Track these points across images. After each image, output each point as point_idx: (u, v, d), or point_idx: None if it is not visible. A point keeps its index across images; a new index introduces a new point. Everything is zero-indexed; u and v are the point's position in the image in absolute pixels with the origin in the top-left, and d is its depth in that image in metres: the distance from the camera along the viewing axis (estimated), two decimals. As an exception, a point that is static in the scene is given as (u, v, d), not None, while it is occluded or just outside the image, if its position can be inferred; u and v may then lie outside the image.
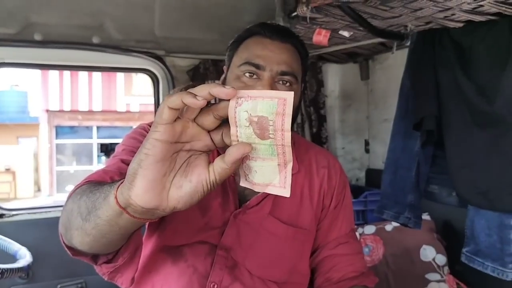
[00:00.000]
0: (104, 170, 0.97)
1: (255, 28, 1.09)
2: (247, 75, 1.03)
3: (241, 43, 1.10)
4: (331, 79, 2.95)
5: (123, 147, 1.08)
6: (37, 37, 2.04)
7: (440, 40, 1.62)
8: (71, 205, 0.80)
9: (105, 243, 0.77)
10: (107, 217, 0.67)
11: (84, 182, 0.89)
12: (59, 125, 12.33)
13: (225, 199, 1.10)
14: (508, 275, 1.41)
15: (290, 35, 1.09)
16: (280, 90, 1.02)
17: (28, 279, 2.14)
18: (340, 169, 1.25)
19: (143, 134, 1.10)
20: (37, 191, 12.94)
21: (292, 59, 1.06)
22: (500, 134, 1.40)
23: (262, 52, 1.04)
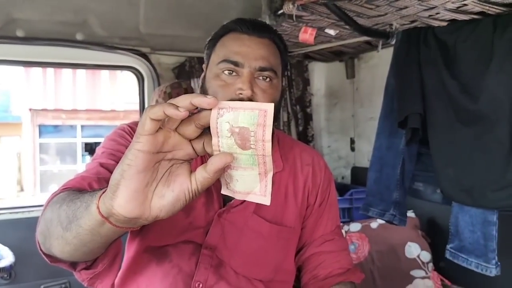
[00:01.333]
0: (82, 177, 0.95)
1: (232, 25, 1.07)
2: (226, 73, 1.02)
3: (218, 40, 1.09)
4: (317, 77, 2.96)
5: (102, 150, 1.07)
6: (20, 33, 2.00)
7: (425, 38, 1.64)
8: (50, 214, 0.79)
9: (85, 252, 0.77)
10: (89, 226, 0.67)
11: (62, 189, 0.88)
12: (43, 124, 12.15)
13: (209, 199, 1.09)
14: (491, 271, 1.43)
15: (267, 29, 1.08)
16: (260, 86, 1.02)
17: (11, 279, 2.11)
18: (325, 166, 1.24)
19: (123, 135, 1.09)
20: (20, 190, 12.74)
21: (271, 54, 1.05)
22: (484, 131, 1.42)
23: (240, 48, 1.03)
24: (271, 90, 1.05)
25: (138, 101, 2.49)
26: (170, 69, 2.46)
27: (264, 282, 1.12)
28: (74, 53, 2.23)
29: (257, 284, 1.11)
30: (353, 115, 2.92)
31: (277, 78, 1.06)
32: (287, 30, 1.93)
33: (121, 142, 1.07)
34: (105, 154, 1.04)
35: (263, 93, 1.03)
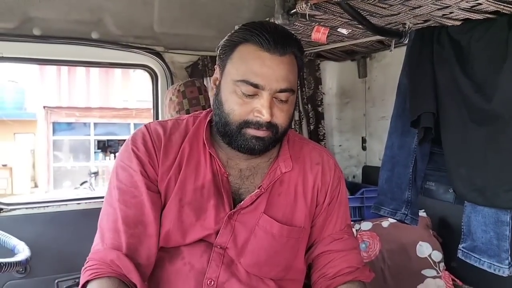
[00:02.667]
0: (116, 256, 1.02)
1: (251, 36, 1.02)
2: (244, 94, 1.01)
3: (235, 48, 1.05)
4: (329, 76, 2.96)
5: (116, 183, 1.10)
6: (36, 32, 2.04)
7: (438, 38, 1.63)
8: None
9: None
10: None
11: (98, 265, 1.01)
12: (57, 121, 12.29)
13: (219, 201, 1.10)
14: (504, 271, 1.42)
15: (288, 43, 1.03)
16: (278, 106, 1.03)
17: (26, 274, 2.14)
18: (335, 165, 1.24)
19: (131, 162, 1.10)
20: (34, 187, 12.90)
21: (290, 72, 1.04)
22: (497, 131, 1.41)
23: (261, 69, 1.00)
24: (288, 107, 1.06)
25: (152, 99, 2.52)
26: (183, 68, 2.48)
27: (275, 281, 1.13)
28: (89, 52, 2.26)
29: (268, 282, 1.12)
30: (364, 114, 2.92)
31: (294, 94, 1.06)
32: (299, 29, 1.94)
33: (130, 172, 1.09)
34: (119, 193, 1.08)
35: (281, 113, 1.04)
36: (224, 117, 1.05)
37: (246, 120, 1.03)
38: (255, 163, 1.15)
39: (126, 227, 1.03)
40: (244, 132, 1.04)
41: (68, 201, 2.30)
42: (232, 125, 1.04)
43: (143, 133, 1.13)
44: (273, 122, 1.03)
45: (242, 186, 1.13)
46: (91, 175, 10.50)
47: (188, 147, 1.13)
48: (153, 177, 1.10)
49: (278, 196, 1.13)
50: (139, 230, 1.05)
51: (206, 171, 1.11)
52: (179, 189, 1.09)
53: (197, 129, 1.16)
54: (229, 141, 1.08)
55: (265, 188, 1.11)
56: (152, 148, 1.11)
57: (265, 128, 1.03)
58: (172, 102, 1.89)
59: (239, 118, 1.03)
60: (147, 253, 1.05)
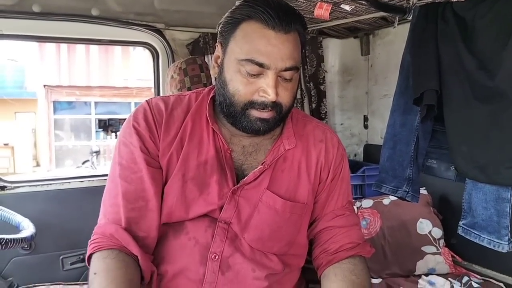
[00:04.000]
0: (115, 229, 1.05)
1: (255, 13, 0.99)
2: (249, 73, 1.00)
3: (238, 25, 1.02)
4: (331, 54, 2.94)
5: (119, 159, 1.11)
6: (36, 8, 2.02)
7: (442, 14, 1.61)
8: None
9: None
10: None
11: (100, 238, 1.05)
12: (57, 100, 12.26)
13: (222, 176, 1.10)
14: (504, 247, 1.44)
15: (293, 19, 1.02)
16: (283, 85, 1.02)
17: (31, 250, 2.17)
18: (338, 142, 1.24)
19: (131, 138, 1.10)
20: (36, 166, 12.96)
21: (295, 50, 1.03)
22: (501, 108, 1.40)
23: (266, 48, 0.98)
24: (292, 86, 1.06)
25: (153, 77, 2.51)
26: (184, 45, 2.46)
27: (278, 255, 1.14)
28: (89, 29, 2.24)
29: (271, 257, 1.13)
30: (367, 92, 2.91)
31: (297, 71, 1.06)
32: (302, 6, 1.92)
33: (131, 148, 1.10)
34: (121, 169, 1.09)
35: (285, 92, 1.04)
36: (228, 97, 1.05)
37: (251, 100, 1.02)
38: (258, 140, 1.15)
39: (126, 202, 1.05)
40: (249, 113, 1.04)
41: (71, 179, 2.32)
42: (237, 106, 1.04)
43: (144, 108, 1.14)
44: (278, 102, 1.03)
45: (245, 163, 1.14)
46: (93, 154, 10.54)
47: (190, 123, 1.13)
48: (154, 152, 1.10)
49: (281, 173, 1.14)
50: (140, 204, 1.06)
51: (209, 147, 1.12)
52: (181, 164, 1.10)
53: (200, 105, 1.16)
54: (233, 122, 1.08)
55: (268, 164, 1.12)
56: (153, 123, 1.11)
57: (270, 108, 1.03)
58: (173, 80, 1.88)
59: (244, 99, 1.02)
60: (148, 226, 1.07)
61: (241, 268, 1.09)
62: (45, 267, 2.20)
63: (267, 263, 1.12)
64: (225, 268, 1.08)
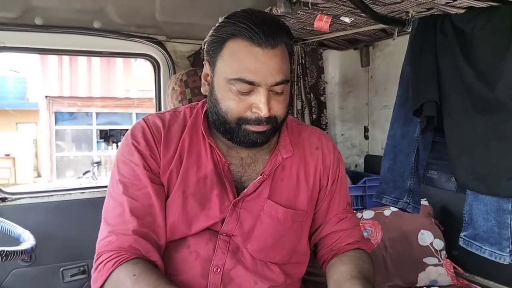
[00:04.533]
0: (133, 239, 1.03)
1: (240, 30, 0.98)
2: (240, 91, 1.01)
3: (224, 43, 1.02)
4: (331, 65, 2.95)
5: (119, 177, 1.10)
6: (38, 21, 2.03)
7: (441, 26, 1.62)
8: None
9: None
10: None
11: (117, 254, 1.00)
12: (59, 111, 12.31)
13: (222, 190, 1.11)
14: (505, 259, 1.43)
15: (279, 33, 1.01)
16: (275, 99, 1.03)
17: (31, 262, 2.16)
18: (333, 147, 1.26)
19: (132, 156, 1.10)
20: (37, 177, 12.97)
21: (283, 63, 1.03)
22: (500, 120, 1.41)
23: (255, 66, 0.98)
24: (284, 98, 1.07)
25: (154, 89, 2.52)
26: (185, 57, 2.47)
27: (280, 265, 1.14)
28: (91, 41, 2.25)
29: (273, 267, 1.13)
30: (367, 103, 2.91)
31: (288, 84, 1.06)
32: (302, 18, 1.93)
33: (132, 166, 1.09)
34: (122, 187, 1.08)
35: (278, 105, 1.05)
36: (222, 115, 1.05)
37: (245, 117, 1.03)
38: (255, 151, 1.16)
39: (135, 218, 1.04)
40: (244, 128, 1.04)
41: (72, 190, 2.32)
42: (231, 123, 1.05)
43: (142, 126, 1.13)
44: (272, 116, 1.04)
45: (244, 174, 1.14)
46: (94, 165, 10.55)
47: (188, 139, 1.14)
48: (156, 170, 1.11)
49: (281, 182, 1.15)
50: (149, 220, 1.06)
51: (207, 162, 1.12)
52: (181, 181, 1.10)
53: (195, 120, 1.17)
54: (230, 138, 1.09)
55: (267, 174, 1.13)
56: (152, 141, 1.11)
57: (265, 123, 1.04)
58: (174, 91, 1.89)
59: (237, 116, 1.03)
60: (158, 241, 1.06)
61: (243, 280, 1.09)
62: (45, 279, 2.19)
63: (269, 275, 1.12)
64: (227, 281, 1.08)
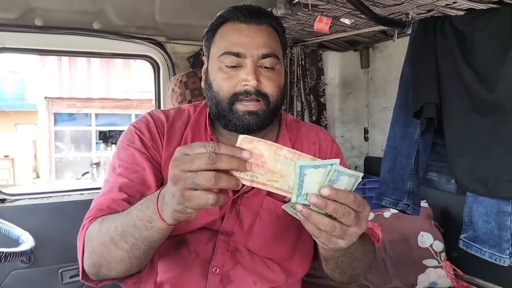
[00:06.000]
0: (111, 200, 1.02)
1: (227, 14, 1.08)
2: (229, 66, 1.04)
3: (216, 31, 1.09)
4: (331, 67, 2.95)
5: (118, 162, 1.10)
6: (38, 22, 2.03)
7: (441, 28, 1.62)
8: (104, 246, 0.91)
9: (142, 262, 0.94)
10: (158, 237, 0.86)
11: (94, 215, 0.98)
12: (58, 112, 12.29)
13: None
14: (505, 261, 1.43)
15: (264, 14, 1.09)
16: (265, 75, 1.05)
17: (30, 263, 2.16)
18: (332, 141, 1.26)
19: (132, 140, 1.11)
20: (36, 178, 12.94)
21: (271, 39, 1.07)
22: (500, 121, 1.41)
23: (240, 38, 1.04)
24: (276, 77, 1.08)
25: (154, 90, 2.52)
26: (185, 58, 2.47)
27: (282, 263, 1.14)
28: (91, 42, 2.25)
29: (274, 266, 1.13)
30: (367, 105, 2.92)
31: (280, 63, 1.09)
32: (302, 19, 1.93)
33: (132, 150, 1.10)
34: (121, 169, 1.08)
35: (269, 81, 1.06)
36: (214, 97, 1.08)
37: (235, 93, 1.04)
38: None
39: (124, 193, 1.02)
40: (236, 108, 1.05)
41: (71, 192, 2.31)
42: (223, 102, 1.06)
43: (146, 119, 1.15)
44: (262, 91, 1.05)
45: None
46: (93, 166, 10.53)
47: (190, 135, 1.15)
48: (157, 160, 1.11)
49: None
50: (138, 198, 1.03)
51: None
52: None
53: (198, 117, 1.19)
54: (224, 123, 1.10)
55: None
56: (156, 133, 1.13)
57: (255, 97, 1.04)
58: (174, 93, 1.89)
59: (227, 93, 1.05)
60: None
61: (242, 281, 1.09)
62: (44, 281, 2.19)
63: (269, 275, 1.12)
64: (226, 281, 1.08)
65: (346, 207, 0.74)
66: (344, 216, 0.74)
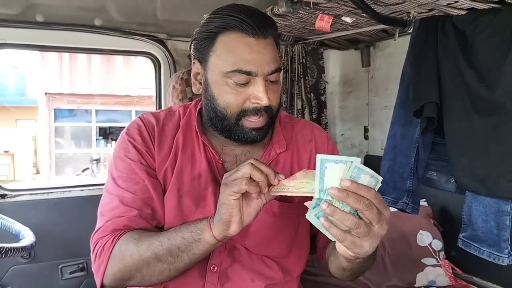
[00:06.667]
0: (128, 220, 1.05)
1: (231, 22, 1.01)
2: (238, 84, 1.02)
3: (216, 38, 1.03)
4: (332, 65, 2.95)
5: (117, 173, 1.10)
6: (39, 18, 2.03)
7: (442, 27, 1.62)
8: (144, 261, 0.98)
9: (181, 273, 1.02)
10: (202, 251, 0.96)
11: (113, 234, 1.03)
12: (58, 108, 12.29)
13: (217, 187, 1.11)
14: (504, 260, 1.44)
15: (269, 24, 1.05)
16: (271, 89, 1.04)
17: (30, 259, 2.16)
18: (327, 138, 1.26)
19: (128, 151, 1.11)
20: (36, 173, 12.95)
21: (276, 53, 1.06)
22: (500, 121, 1.41)
23: (251, 56, 1.00)
24: (278, 86, 1.09)
25: (154, 87, 2.52)
26: (186, 55, 2.46)
27: (279, 260, 1.15)
28: (92, 39, 2.25)
29: (271, 264, 1.13)
30: (367, 104, 2.91)
31: (281, 71, 1.09)
32: (303, 17, 1.93)
33: (128, 161, 1.10)
34: (121, 181, 1.09)
35: (274, 94, 1.06)
36: (220, 112, 1.06)
37: (244, 109, 1.04)
38: (249, 147, 1.17)
39: (134, 209, 1.05)
40: (242, 124, 1.05)
41: (71, 188, 2.32)
42: (230, 119, 1.05)
43: (138, 124, 1.15)
44: (269, 105, 1.05)
45: None
46: (93, 162, 10.55)
47: (182, 137, 1.15)
48: (152, 166, 1.12)
49: None
50: (147, 212, 1.07)
51: (201, 160, 1.13)
52: (176, 179, 1.11)
53: (189, 118, 1.19)
54: (228, 135, 1.10)
55: None
56: (148, 138, 1.13)
57: (263, 113, 1.04)
58: (175, 90, 1.89)
59: (236, 110, 1.04)
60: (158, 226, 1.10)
61: (240, 278, 1.10)
62: (44, 276, 2.19)
63: (266, 273, 1.12)
64: (224, 279, 1.09)
65: (368, 200, 0.75)
66: (367, 209, 0.75)
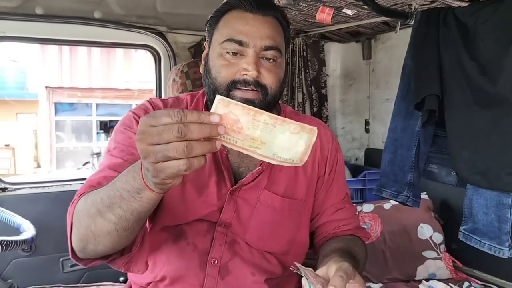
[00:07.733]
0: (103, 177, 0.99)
1: (234, 1, 1.06)
2: (230, 53, 1.03)
3: (221, 18, 1.08)
4: (333, 58, 2.94)
5: (114, 145, 1.09)
6: (39, 10, 2.02)
7: (444, 19, 1.61)
8: (91, 218, 0.86)
9: (132, 233, 0.88)
10: (143, 207, 0.79)
11: (85, 191, 0.95)
12: (59, 101, 12.28)
13: (220, 177, 1.11)
14: (504, 253, 1.44)
15: (271, 6, 1.08)
16: (266, 66, 1.03)
17: (31, 252, 2.17)
18: (332, 137, 1.26)
19: (130, 125, 1.10)
20: (37, 167, 12.97)
21: (275, 32, 1.06)
22: (502, 114, 1.41)
23: (244, 27, 1.03)
24: (276, 70, 1.06)
25: (155, 80, 2.51)
26: (186, 48, 2.46)
27: (278, 256, 1.15)
28: (92, 31, 2.24)
29: (271, 258, 1.14)
30: (368, 97, 2.91)
31: (282, 56, 1.08)
32: (304, 10, 1.92)
33: (129, 134, 1.08)
34: (117, 151, 1.06)
35: (269, 73, 1.04)
36: (212, 83, 1.06)
37: (233, 80, 1.03)
38: None
39: (115, 172, 0.98)
40: (233, 95, 1.03)
41: (72, 181, 2.32)
42: (220, 88, 1.04)
43: (145, 106, 1.15)
44: (261, 82, 1.03)
45: (241, 165, 1.14)
46: (94, 156, 10.54)
47: None
48: None
49: (279, 172, 1.15)
50: None
51: None
52: None
53: (196, 106, 1.18)
54: None
55: (266, 165, 1.12)
56: None
57: (253, 87, 1.03)
58: (175, 83, 1.88)
59: (225, 80, 1.03)
60: None
61: (241, 272, 1.10)
62: (45, 269, 2.20)
63: (266, 267, 1.13)
64: (225, 272, 1.09)
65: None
66: None
